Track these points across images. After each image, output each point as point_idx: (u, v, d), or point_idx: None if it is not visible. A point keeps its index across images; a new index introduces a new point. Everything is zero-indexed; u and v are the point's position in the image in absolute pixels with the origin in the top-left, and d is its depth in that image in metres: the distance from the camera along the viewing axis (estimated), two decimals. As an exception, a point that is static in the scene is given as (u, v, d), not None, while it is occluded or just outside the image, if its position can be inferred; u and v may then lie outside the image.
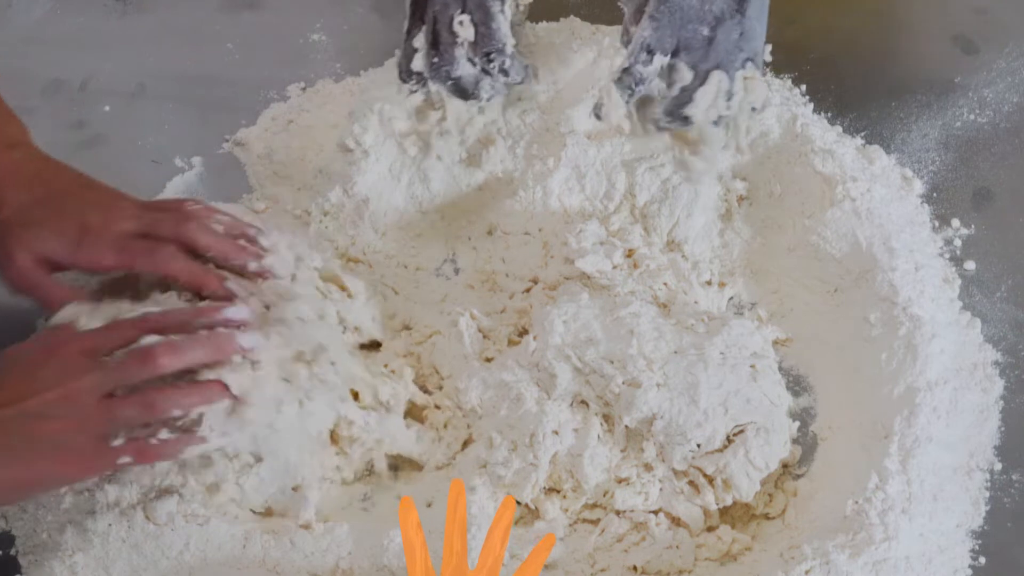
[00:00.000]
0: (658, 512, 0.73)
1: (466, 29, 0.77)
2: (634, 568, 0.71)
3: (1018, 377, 0.77)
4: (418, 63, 0.79)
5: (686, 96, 0.75)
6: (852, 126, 0.89)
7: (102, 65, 0.84)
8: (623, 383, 0.72)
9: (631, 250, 0.79)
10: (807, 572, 0.67)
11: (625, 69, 0.74)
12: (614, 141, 0.83)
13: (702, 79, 0.74)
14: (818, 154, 0.83)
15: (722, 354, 0.72)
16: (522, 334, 0.79)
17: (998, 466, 0.74)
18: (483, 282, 0.83)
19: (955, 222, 0.85)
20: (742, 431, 0.71)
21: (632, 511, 0.72)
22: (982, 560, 0.70)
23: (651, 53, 0.73)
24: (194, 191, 0.89)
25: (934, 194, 0.86)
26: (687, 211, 0.82)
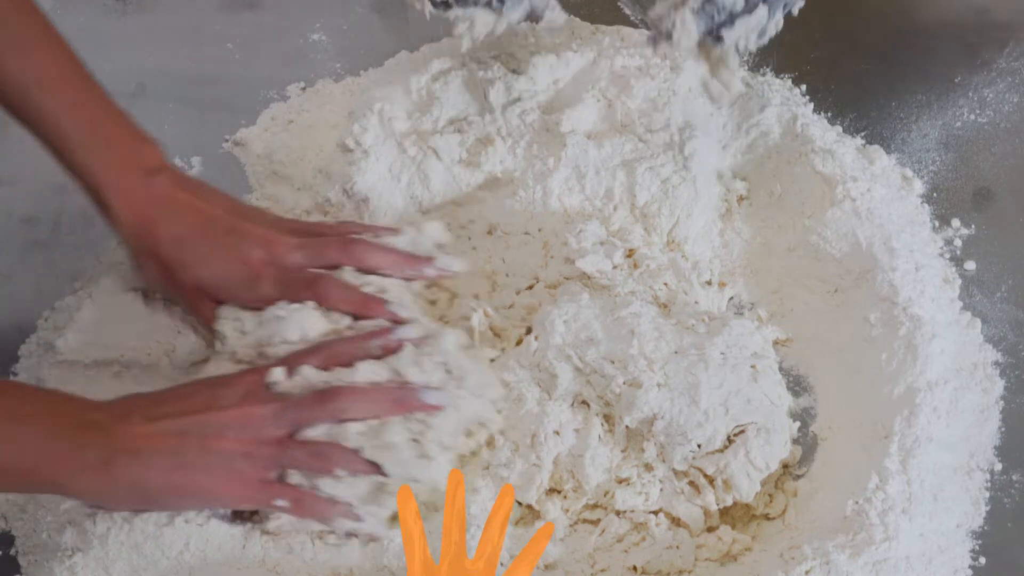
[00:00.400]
0: (658, 512, 0.72)
1: None
2: (634, 568, 0.71)
3: (1018, 377, 0.78)
4: None
5: (727, 18, 0.74)
6: (852, 126, 0.89)
7: (102, 65, 0.83)
8: (624, 383, 0.72)
9: (631, 250, 0.79)
10: (807, 572, 0.67)
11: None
12: (614, 141, 0.83)
13: (750, 9, 0.74)
14: (818, 154, 0.83)
15: (723, 354, 0.72)
16: (530, 332, 0.79)
17: (998, 466, 0.74)
18: (484, 279, 0.83)
19: (955, 222, 0.85)
20: (743, 431, 0.71)
21: (632, 511, 0.72)
22: (982, 560, 0.70)
23: None
24: (194, 191, 0.89)
25: (934, 194, 0.86)
26: (687, 211, 0.82)
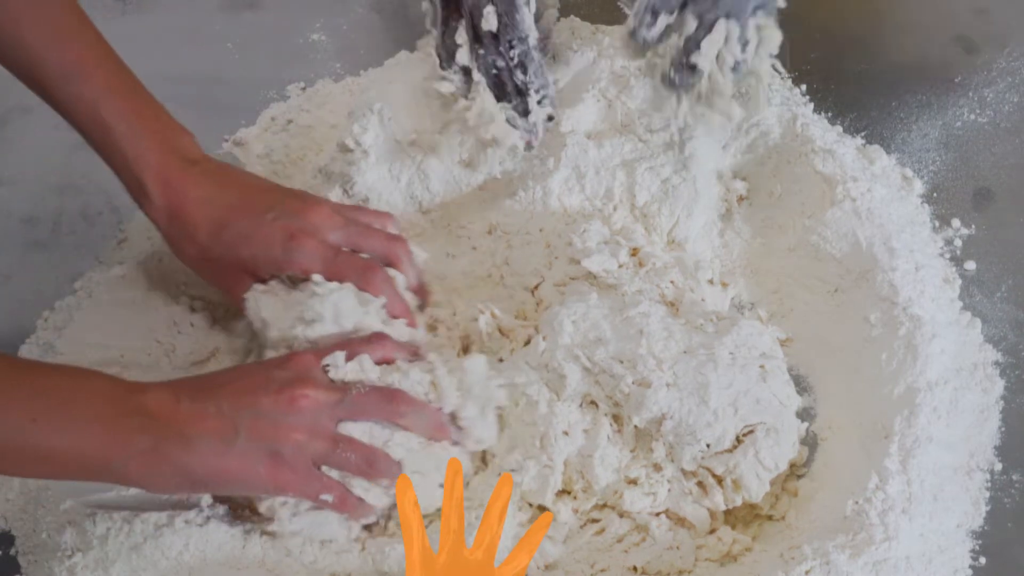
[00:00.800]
0: (659, 514, 0.72)
1: (489, 20, 0.76)
2: (634, 568, 0.71)
3: (1018, 377, 0.77)
4: (463, 57, 0.78)
5: (692, 45, 0.73)
6: (852, 126, 0.89)
7: (102, 65, 0.84)
8: (633, 383, 0.71)
9: (635, 249, 0.79)
10: (807, 572, 0.67)
11: (630, 33, 0.72)
12: (614, 141, 0.83)
13: (708, 28, 0.72)
14: (818, 154, 0.83)
15: (732, 354, 0.72)
16: (537, 331, 0.78)
17: (998, 466, 0.74)
18: (486, 279, 0.83)
19: (955, 222, 0.85)
20: (752, 431, 0.71)
21: (637, 512, 0.72)
22: (982, 560, 0.70)
23: (655, 14, 0.72)
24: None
25: (934, 194, 0.86)
26: (687, 211, 0.82)
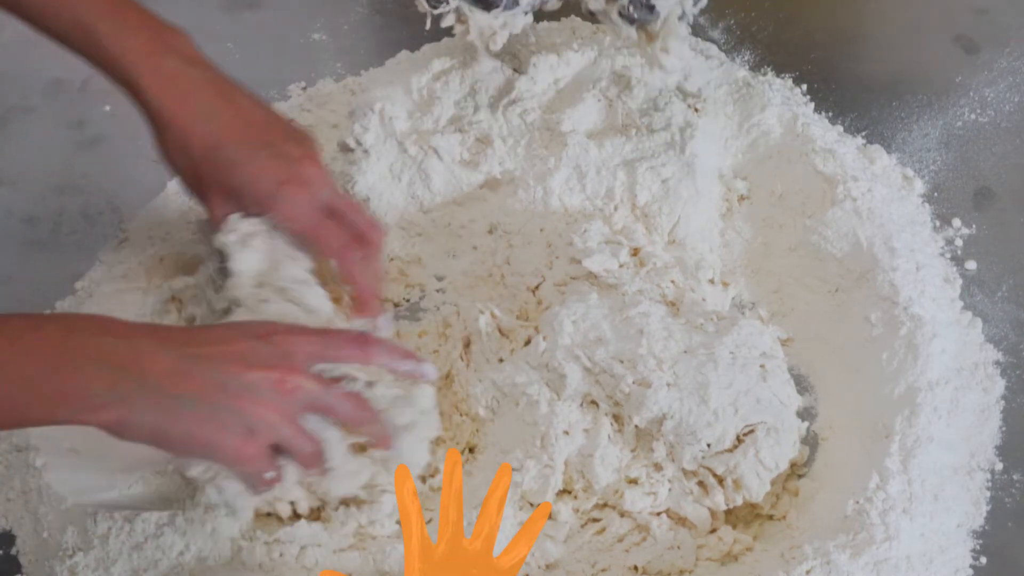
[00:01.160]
0: (660, 514, 0.72)
1: None
2: (635, 568, 0.70)
3: (1019, 377, 0.77)
4: None
5: None
6: (853, 126, 0.90)
7: (103, 64, 0.84)
8: (633, 383, 0.71)
9: (636, 249, 0.79)
10: (808, 572, 0.67)
11: None
12: (615, 140, 0.83)
13: None
14: (819, 154, 0.84)
15: (732, 354, 0.72)
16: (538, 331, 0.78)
17: (999, 466, 0.74)
18: (486, 279, 0.83)
19: (956, 222, 0.85)
20: (752, 431, 0.71)
21: (638, 512, 0.72)
22: (983, 560, 0.70)
23: None
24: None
25: (935, 194, 0.87)
26: (688, 210, 0.82)
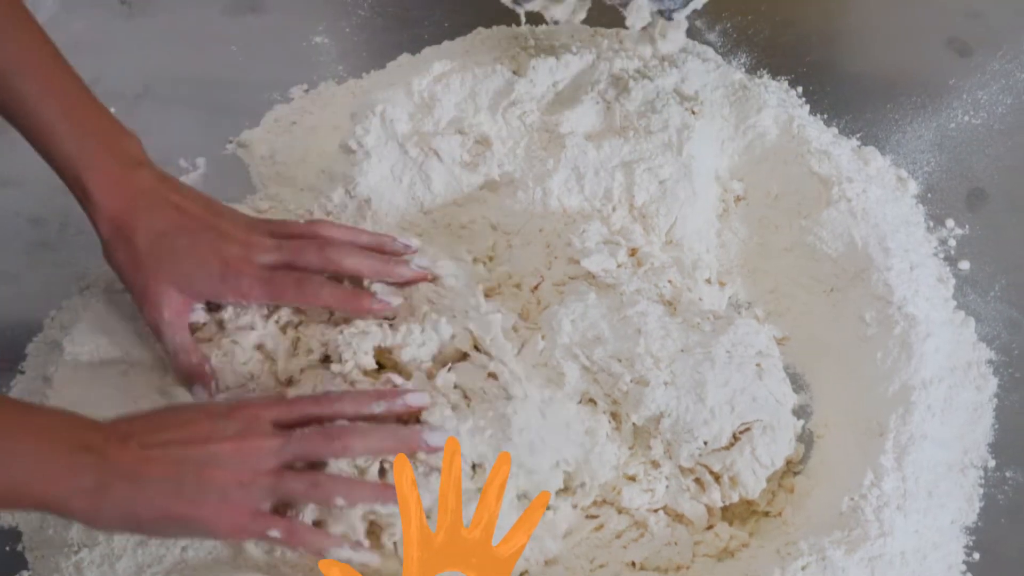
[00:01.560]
0: (657, 511, 0.72)
1: None
2: (632, 564, 0.70)
3: (1011, 375, 0.78)
4: None
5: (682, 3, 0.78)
6: (848, 128, 0.90)
7: (107, 68, 0.84)
8: (631, 381, 0.72)
9: (634, 249, 0.79)
10: (803, 568, 0.67)
11: None
12: (612, 142, 0.83)
13: None
14: (814, 155, 0.84)
15: (728, 353, 0.72)
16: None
17: (992, 463, 0.74)
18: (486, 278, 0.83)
19: (949, 222, 0.85)
20: (748, 429, 0.71)
21: (636, 508, 0.72)
22: (976, 556, 0.71)
23: None
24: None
25: (929, 195, 0.87)
26: (685, 211, 0.82)
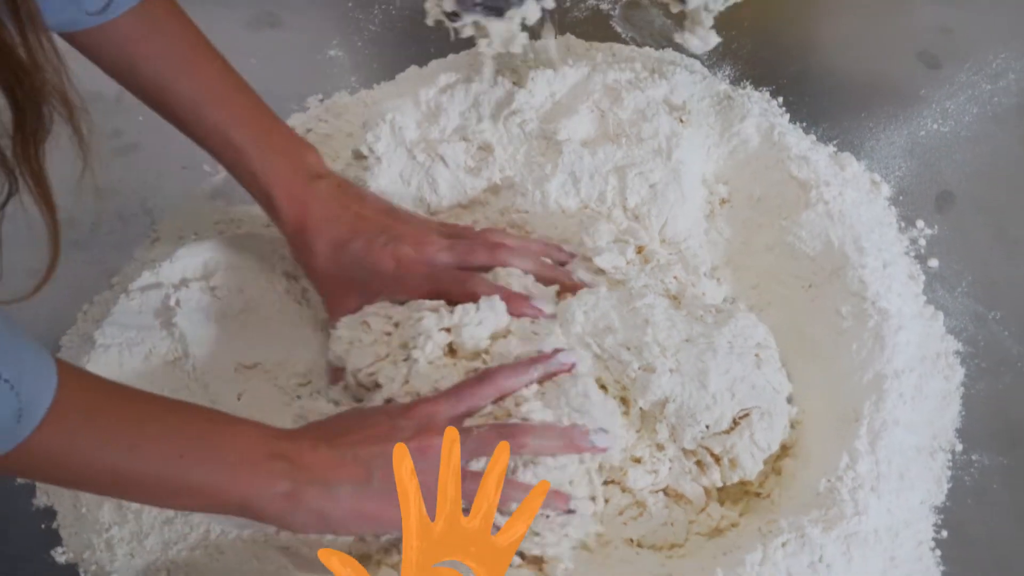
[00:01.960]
0: (657, 491, 0.73)
1: None
2: (631, 540, 0.72)
3: (977, 365, 0.80)
4: (448, 4, 0.79)
5: None
6: (825, 135, 0.92)
7: (134, 80, 0.87)
8: (639, 368, 0.72)
9: (641, 247, 0.80)
10: (783, 545, 0.67)
11: None
12: (606, 148, 0.84)
13: None
14: (794, 160, 0.85)
15: (729, 343, 0.73)
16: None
17: (959, 447, 0.76)
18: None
19: (919, 223, 0.87)
20: (747, 415, 0.72)
21: (639, 489, 0.73)
22: (944, 533, 0.72)
23: None
24: (221, 194, 0.91)
25: (900, 197, 0.88)
26: (674, 212, 0.83)
